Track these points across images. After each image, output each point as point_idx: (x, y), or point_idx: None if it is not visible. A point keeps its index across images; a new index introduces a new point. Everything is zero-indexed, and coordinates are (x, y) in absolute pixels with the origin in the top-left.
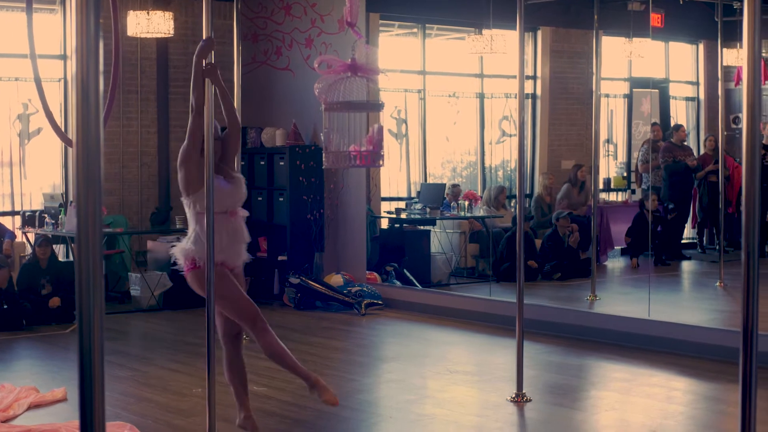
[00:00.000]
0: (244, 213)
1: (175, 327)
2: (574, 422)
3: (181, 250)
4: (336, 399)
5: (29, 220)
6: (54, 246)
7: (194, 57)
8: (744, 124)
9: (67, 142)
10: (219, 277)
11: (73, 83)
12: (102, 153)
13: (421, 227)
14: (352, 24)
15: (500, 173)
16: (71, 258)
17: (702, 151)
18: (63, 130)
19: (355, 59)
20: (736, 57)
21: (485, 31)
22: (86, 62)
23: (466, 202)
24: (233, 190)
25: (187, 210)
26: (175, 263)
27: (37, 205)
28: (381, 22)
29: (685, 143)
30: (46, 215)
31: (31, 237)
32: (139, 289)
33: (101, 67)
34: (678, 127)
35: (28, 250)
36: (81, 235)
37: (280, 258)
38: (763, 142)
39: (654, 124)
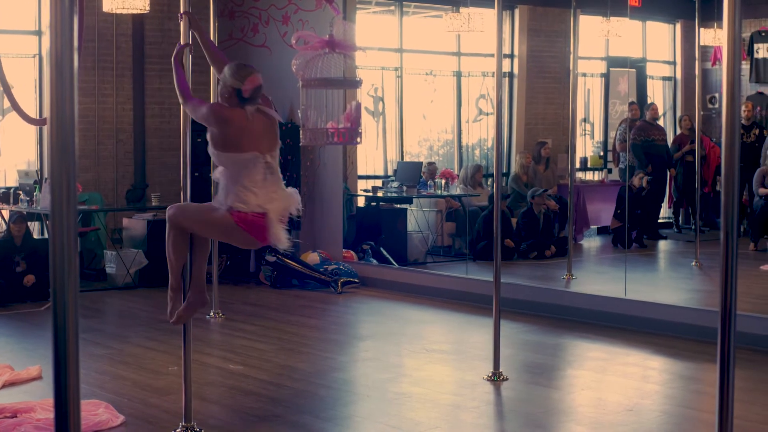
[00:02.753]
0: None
1: (150, 305)
2: (551, 401)
3: (293, 199)
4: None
5: (3, 197)
6: (29, 223)
7: (172, 58)
8: (724, 104)
9: (33, 122)
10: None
11: (47, 59)
12: (76, 129)
13: (398, 205)
14: (330, 0)
15: (477, 152)
16: (46, 235)
17: (678, 131)
18: (38, 106)
19: (332, 35)
20: (713, 37)
21: (462, 9)
22: (60, 38)
23: (443, 181)
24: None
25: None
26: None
27: (12, 182)
28: None
29: (658, 121)
30: (20, 192)
31: (6, 214)
32: (115, 266)
33: (75, 43)
34: (649, 105)
35: (2, 227)
36: (55, 212)
37: None
38: (742, 122)
39: (632, 103)
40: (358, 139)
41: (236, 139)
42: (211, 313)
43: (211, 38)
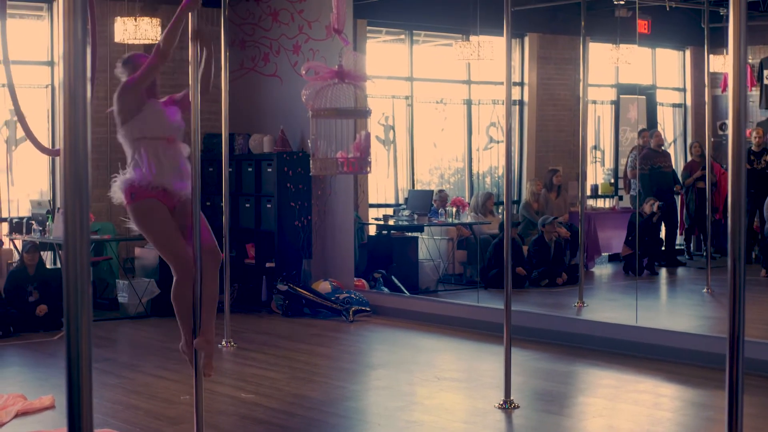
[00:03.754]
0: (185, 148)
1: (162, 334)
2: (562, 429)
3: (119, 183)
4: (210, 371)
5: (16, 227)
6: (42, 253)
7: (179, 9)
8: (730, 131)
9: (48, 152)
10: (150, 209)
11: (60, 89)
12: (90, 159)
13: (409, 234)
14: (339, 31)
15: (488, 180)
16: (59, 265)
17: (688, 158)
18: (50, 136)
19: (342, 66)
20: (722, 63)
21: (472, 38)
22: (73, 68)
23: (454, 209)
24: (171, 116)
25: (124, 143)
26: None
27: (25, 212)
28: (368, 28)
29: (663, 148)
30: (33, 222)
31: (19, 244)
32: (127, 296)
33: (88, 73)
34: (653, 132)
35: (16, 257)
36: (69, 241)
37: (267, 265)
38: (751, 149)
39: (643, 131)
40: (368, 169)
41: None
42: (223, 342)
43: (222, 68)
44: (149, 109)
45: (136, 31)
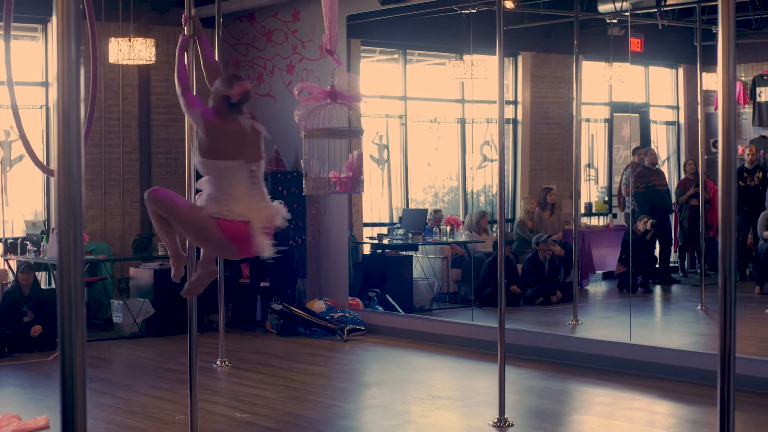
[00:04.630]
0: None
1: (157, 354)
2: None
3: (275, 211)
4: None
5: (11, 247)
6: (36, 273)
7: (177, 49)
8: (720, 149)
9: (47, 171)
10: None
11: (54, 110)
12: (83, 179)
13: (403, 253)
14: (332, 51)
15: (482, 198)
16: (53, 285)
17: (683, 176)
18: (45, 156)
19: (334, 86)
20: (715, 81)
21: (466, 57)
22: (67, 89)
23: (448, 228)
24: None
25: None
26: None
27: (19, 232)
28: (362, 47)
29: (657, 166)
30: (28, 242)
31: (13, 264)
32: (122, 316)
33: (82, 94)
34: (647, 150)
35: (11, 277)
36: (63, 262)
37: (262, 284)
38: (745, 166)
39: (637, 149)
40: (361, 188)
41: (222, 147)
42: (218, 362)
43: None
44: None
45: (131, 51)
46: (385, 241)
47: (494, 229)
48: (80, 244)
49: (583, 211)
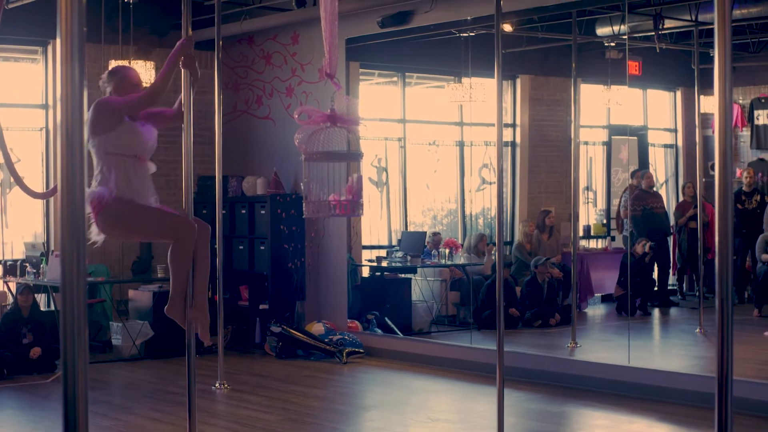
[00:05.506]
0: (152, 167)
1: (156, 376)
2: None
3: (87, 195)
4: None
5: (10, 269)
6: (36, 295)
7: (173, 53)
8: (717, 172)
9: (35, 195)
10: (133, 209)
11: (58, 132)
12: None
13: (402, 275)
14: (331, 75)
15: (481, 221)
16: (53, 307)
17: (681, 198)
18: (44, 178)
19: (334, 110)
20: (713, 104)
21: (464, 80)
22: (71, 112)
23: (447, 250)
24: (146, 136)
25: (95, 153)
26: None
27: (19, 254)
28: (361, 70)
29: (655, 189)
30: (27, 264)
31: (13, 287)
32: (121, 338)
33: (86, 117)
34: (644, 173)
35: (10, 299)
36: (66, 283)
37: (261, 307)
38: (743, 189)
39: (635, 171)
40: (360, 211)
41: None
42: (217, 384)
43: (216, 110)
44: (126, 126)
45: None
46: (384, 264)
47: (493, 252)
48: (83, 265)
49: (581, 233)
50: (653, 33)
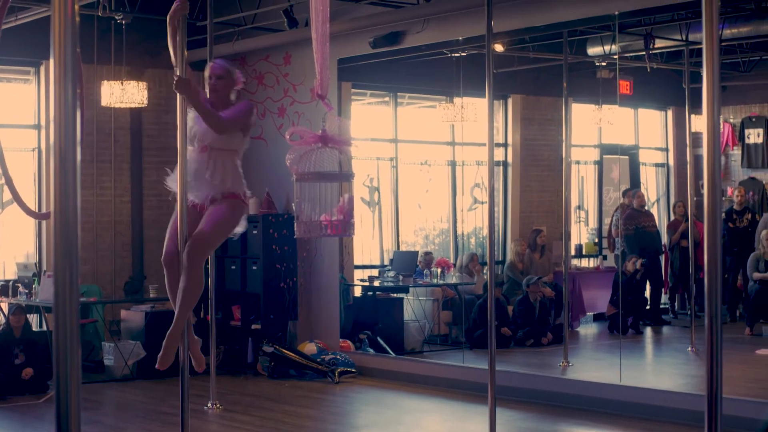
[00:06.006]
0: (226, 155)
1: (148, 396)
2: None
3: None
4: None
5: (3, 289)
6: (28, 315)
7: (168, 16)
8: (705, 191)
9: (38, 216)
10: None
11: (51, 153)
12: (79, 222)
13: (394, 295)
14: (323, 96)
15: (473, 240)
16: (45, 328)
17: (672, 217)
18: (36, 199)
19: (326, 131)
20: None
21: (456, 99)
22: (63, 133)
23: (439, 270)
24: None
25: (230, 153)
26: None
27: (11, 274)
28: (353, 90)
29: (646, 208)
30: (19, 285)
31: (5, 307)
32: (113, 358)
33: (78, 137)
34: (635, 192)
35: (2, 319)
36: (59, 303)
37: (253, 326)
38: (734, 207)
39: (627, 190)
40: (351, 231)
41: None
42: (209, 404)
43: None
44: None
45: (123, 94)
46: (376, 284)
47: (485, 271)
48: (76, 286)
49: (573, 252)
50: (644, 53)
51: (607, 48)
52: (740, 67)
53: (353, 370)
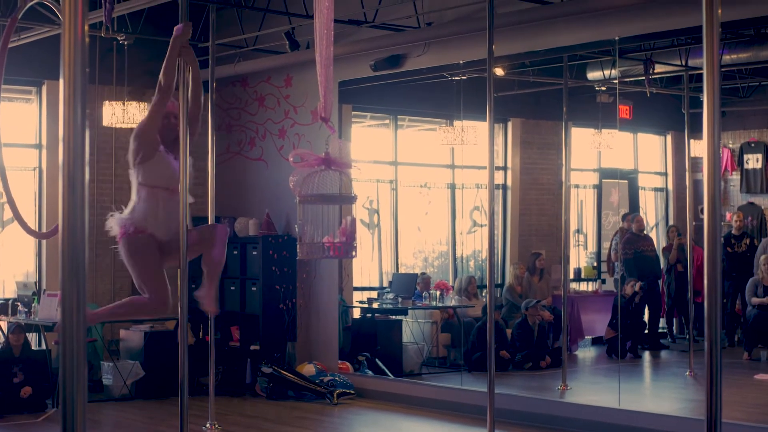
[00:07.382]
0: (190, 198)
1: (147, 416)
2: None
3: (116, 219)
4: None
5: (2, 308)
6: (27, 334)
7: (171, 40)
8: (705, 216)
9: (35, 234)
10: (143, 244)
11: (59, 172)
12: (87, 242)
13: (393, 317)
14: (326, 119)
15: (472, 263)
16: (44, 346)
17: (666, 242)
18: (37, 218)
19: (328, 153)
20: (702, 148)
21: (456, 123)
22: (72, 153)
23: (438, 292)
24: (174, 166)
25: (132, 182)
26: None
27: (10, 293)
28: (354, 113)
29: (645, 232)
30: (19, 303)
31: (4, 325)
32: (112, 378)
33: (87, 158)
34: (634, 217)
35: (1, 338)
36: (66, 321)
37: (252, 347)
38: (732, 232)
39: (627, 215)
40: (353, 253)
41: None
42: (208, 425)
43: (209, 151)
44: (158, 158)
45: (124, 115)
46: (375, 305)
47: (484, 294)
48: (83, 303)
49: (572, 276)
50: (644, 77)
51: (607, 72)
52: (739, 92)
53: (352, 392)
